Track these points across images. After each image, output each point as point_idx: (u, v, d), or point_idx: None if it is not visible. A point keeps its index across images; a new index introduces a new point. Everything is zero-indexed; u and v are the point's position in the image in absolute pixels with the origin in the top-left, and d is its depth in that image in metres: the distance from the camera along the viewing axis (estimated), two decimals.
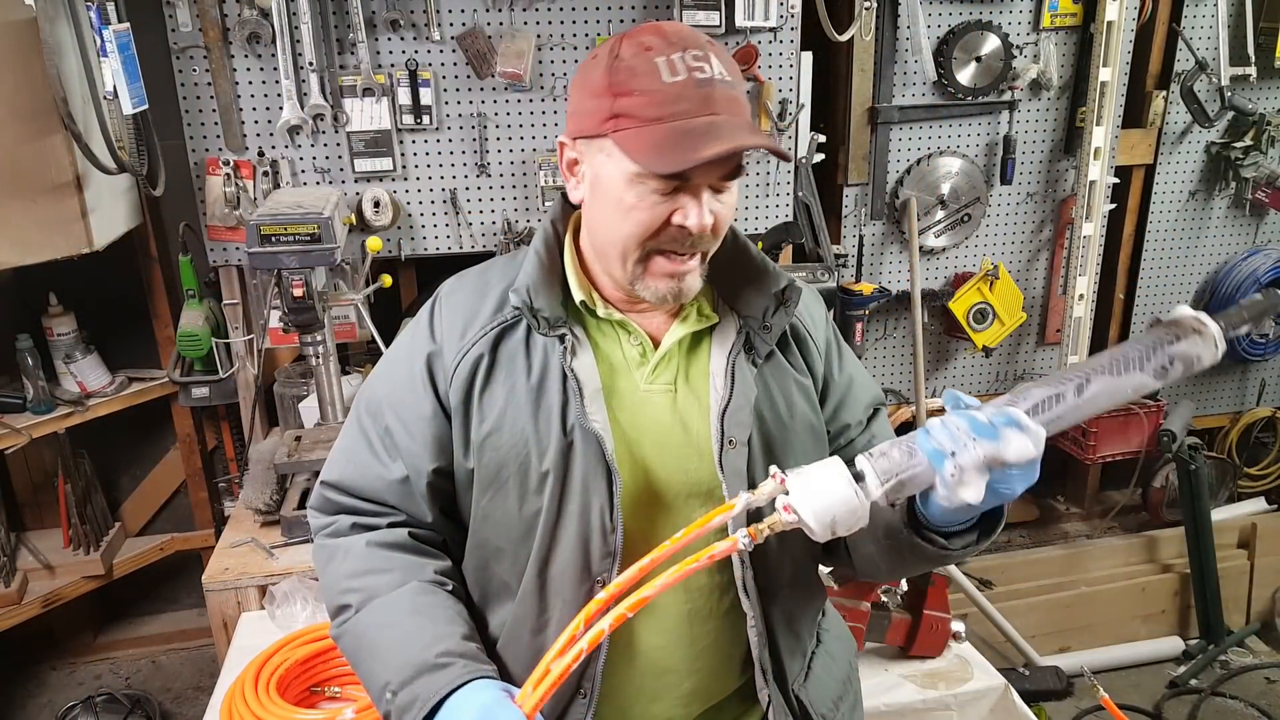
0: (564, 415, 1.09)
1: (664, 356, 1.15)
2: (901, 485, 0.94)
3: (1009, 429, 0.89)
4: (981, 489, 0.90)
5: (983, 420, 0.90)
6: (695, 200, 1.02)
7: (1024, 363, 3.18)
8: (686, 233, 1.03)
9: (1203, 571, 3.01)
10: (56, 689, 2.94)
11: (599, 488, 1.08)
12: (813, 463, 0.96)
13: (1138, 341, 0.92)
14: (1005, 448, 0.88)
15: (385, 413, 1.16)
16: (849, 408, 1.23)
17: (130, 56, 2.18)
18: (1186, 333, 0.90)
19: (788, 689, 1.18)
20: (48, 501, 2.86)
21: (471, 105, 2.49)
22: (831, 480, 0.94)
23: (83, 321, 2.64)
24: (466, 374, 1.11)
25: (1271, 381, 3.37)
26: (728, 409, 1.11)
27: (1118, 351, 0.92)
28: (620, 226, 1.04)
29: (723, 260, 1.17)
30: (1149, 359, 0.90)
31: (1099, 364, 0.92)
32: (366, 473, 1.17)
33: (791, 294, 1.16)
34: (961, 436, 0.89)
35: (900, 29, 2.76)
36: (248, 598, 2.09)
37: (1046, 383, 0.94)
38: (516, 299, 1.11)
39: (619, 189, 1.03)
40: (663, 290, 1.07)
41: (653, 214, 1.02)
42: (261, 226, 2.00)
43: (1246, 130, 2.99)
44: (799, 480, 0.95)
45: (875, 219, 2.92)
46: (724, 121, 0.99)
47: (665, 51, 0.99)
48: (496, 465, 1.10)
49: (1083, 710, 2.76)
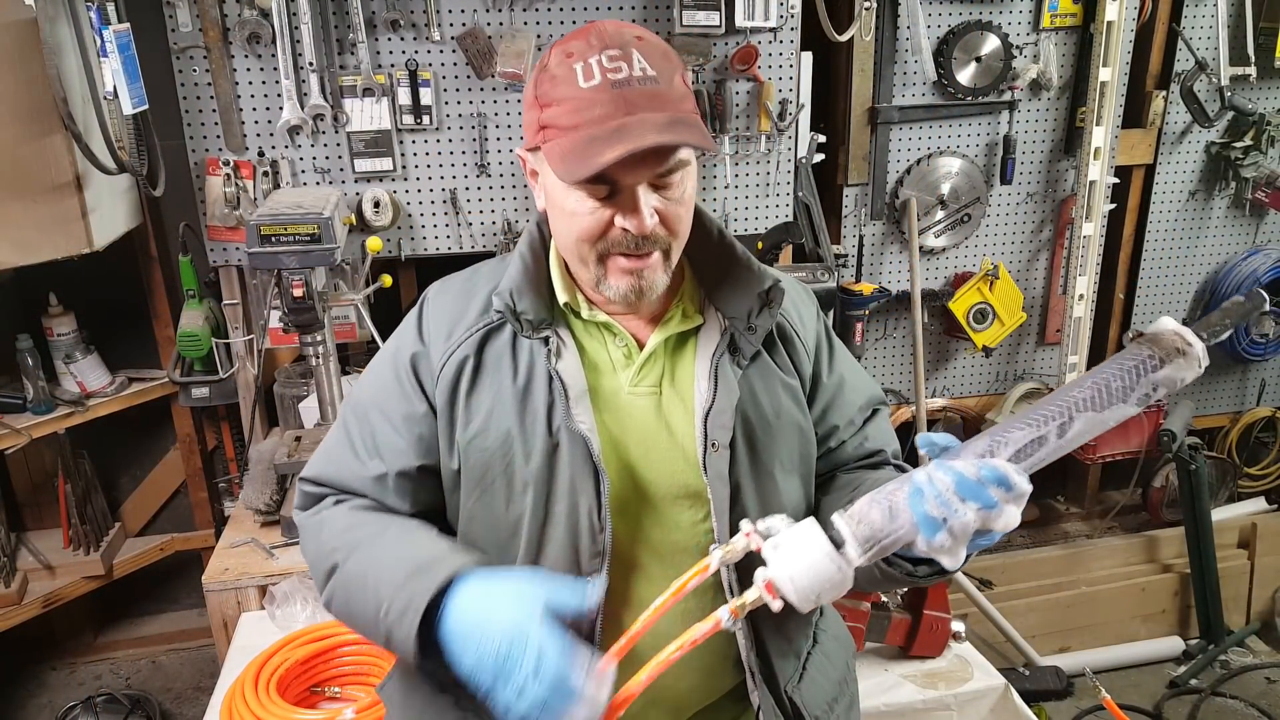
0: (549, 417, 1.09)
1: (648, 358, 1.15)
2: (883, 549, 0.91)
3: (998, 490, 0.86)
4: (963, 554, 0.90)
5: (970, 478, 0.86)
6: (631, 202, 1.02)
7: (1024, 363, 3.18)
8: (630, 235, 1.03)
9: (1203, 571, 3.01)
10: (56, 689, 2.94)
11: (586, 488, 1.08)
12: (785, 523, 0.94)
13: (1119, 363, 0.88)
14: (997, 519, 0.87)
15: (371, 413, 1.17)
16: (839, 409, 1.23)
17: (130, 56, 2.18)
18: (1170, 354, 0.86)
19: (780, 690, 1.18)
20: (48, 501, 2.86)
21: (471, 105, 2.49)
22: (811, 555, 0.90)
23: (83, 321, 2.64)
24: (452, 375, 1.12)
25: (1271, 381, 3.37)
26: (711, 411, 1.11)
27: (1099, 378, 0.88)
28: (570, 232, 1.06)
29: (707, 260, 1.17)
30: (1132, 389, 0.87)
31: (1081, 398, 0.88)
32: (343, 470, 1.17)
33: (775, 294, 1.15)
34: (951, 500, 0.86)
35: (900, 29, 2.76)
36: (248, 598, 2.09)
37: (1028, 421, 0.89)
38: (499, 302, 1.12)
39: (560, 197, 1.05)
40: (623, 288, 1.07)
41: (594, 219, 1.04)
42: (261, 226, 2.00)
43: (1246, 130, 2.99)
44: (777, 554, 0.92)
45: (875, 219, 2.92)
46: (634, 122, 0.98)
47: (585, 55, 1.00)
48: (482, 467, 1.10)
49: (1083, 710, 2.76)
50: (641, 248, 1.05)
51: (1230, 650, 3.03)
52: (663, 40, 1.06)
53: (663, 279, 1.09)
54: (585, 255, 1.07)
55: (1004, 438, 0.90)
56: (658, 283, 1.08)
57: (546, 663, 0.90)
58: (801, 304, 1.25)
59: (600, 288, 1.09)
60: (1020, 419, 0.90)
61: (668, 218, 1.05)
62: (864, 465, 1.27)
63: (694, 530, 1.14)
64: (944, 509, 0.87)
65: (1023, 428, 0.89)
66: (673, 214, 1.05)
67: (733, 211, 2.70)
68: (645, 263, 1.06)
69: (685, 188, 1.06)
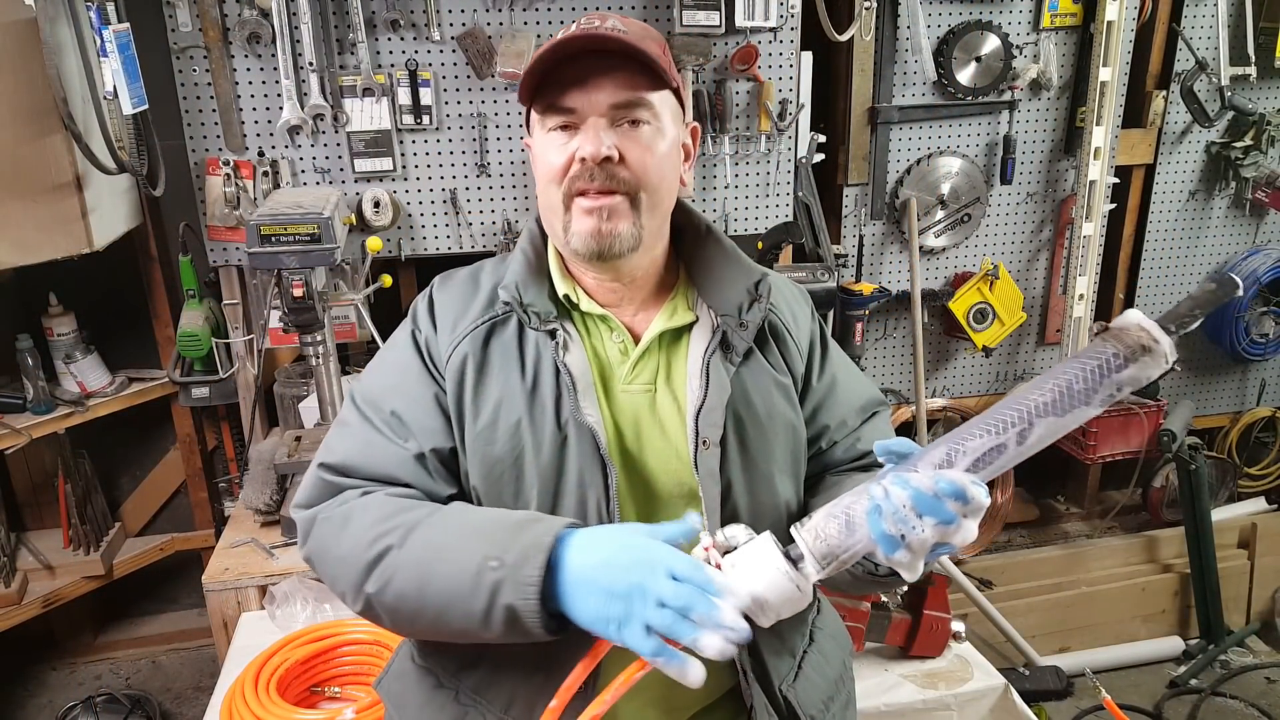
0: (558, 410, 1.09)
1: (643, 354, 1.15)
2: (842, 564, 0.91)
3: (955, 504, 0.85)
4: (920, 567, 0.90)
5: (926, 491, 0.85)
6: (587, 132, 1.06)
7: (1024, 362, 3.18)
8: (587, 165, 1.05)
9: (1203, 571, 3.01)
10: (56, 689, 2.94)
11: (595, 481, 1.08)
12: (746, 534, 0.94)
13: (1081, 362, 0.83)
14: (954, 534, 0.86)
15: (389, 399, 1.13)
16: (830, 410, 1.23)
17: (130, 56, 2.18)
18: (1135, 353, 0.81)
19: (774, 689, 1.17)
20: (48, 501, 2.86)
21: (471, 105, 2.49)
22: (768, 574, 0.90)
23: (83, 321, 2.64)
24: (458, 368, 1.12)
25: (1271, 381, 3.37)
26: (702, 409, 1.11)
27: (1060, 380, 0.84)
28: (542, 178, 1.11)
29: (696, 256, 1.19)
30: (1095, 390, 0.83)
31: (1041, 401, 0.84)
32: (375, 452, 1.11)
33: (763, 287, 1.16)
34: (909, 516, 0.86)
35: (900, 29, 2.76)
36: (248, 598, 2.09)
37: (986, 427, 0.86)
38: (506, 295, 1.13)
39: (537, 146, 1.12)
40: (585, 230, 1.07)
41: (561, 153, 1.07)
42: (261, 226, 2.00)
43: (1246, 130, 2.99)
44: (735, 573, 0.91)
45: (875, 219, 2.92)
46: (588, 45, 1.04)
47: (567, 28, 1.07)
48: (492, 460, 1.10)
49: (1083, 710, 2.75)
50: (598, 179, 1.06)
51: (1230, 650, 3.03)
52: (651, 27, 1.11)
53: (629, 230, 1.08)
54: (554, 202, 1.09)
55: (962, 446, 0.87)
56: (623, 232, 1.08)
57: (680, 567, 0.89)
58: (795, 303, 1.25)
59: (570, 240, 1.09)
60: (979, 423, 0.87)
61: (630, 159, 1.06)
62: (856, 467, 1.27)
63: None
64: (901, 525, 0.86)
65: (981, 435, 0.87)
66: (636, 156, 1.07)
67: (733, 211, 2.70)
68: (606, 201, 1.06)
69: (654, 141, 1.08)
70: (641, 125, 1.07)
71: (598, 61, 1.05)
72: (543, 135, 1.10)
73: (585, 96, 1.05)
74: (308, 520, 1.10)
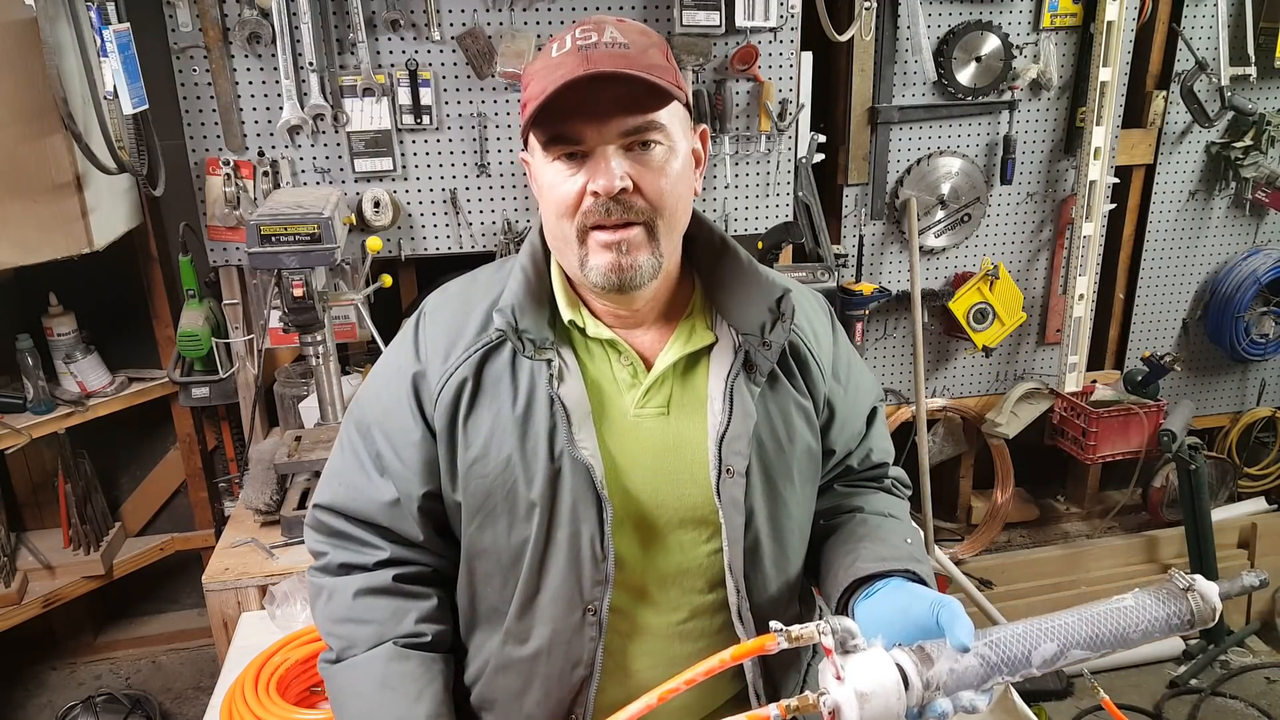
0: (551, 442, 1.05)
1: (657, 380, 1.10)
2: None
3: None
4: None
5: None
6: (600, 163, 1.00)
7: (1024, 362, 3.18)
8: (600, 198, 0.99)
9: (1203, 571, 3.01)
10: (56, 689, 2.94)
11: (589, 516, 1.05)
12: (863, 637, 0.92)
13: (1152, 613, 0.99)
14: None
15: (374, 434, 1.13)
16: (850, 424, 1.21)
17: (130, 56, 2.18)
18: (1199, 621, 0.98)
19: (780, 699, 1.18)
20: (48, 501, 2.86)
21: (471, 105, 2.49)
22: (886, 699, 0.89)
23: (83, 321, 2.64)
24: (451, 398, 1.08)
25: (1271, 381, 3.37)
26: (725, 435, 1.07)
27: (1134, 621, 0.98)
28: (551, 211, 1.04)
29: (713, 272, 1.13)
30: (1147, 637, 0.97)
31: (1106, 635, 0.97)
32: (358, 495, 1.14)
33: (786, 305, 1.09)
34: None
35: (900, 29, 2.76)
36: (248, 598, 2.09)
37: (1050, 636, 0.99)
38: (500, 320, 1.06)
39: (541, 175, 1.05)
40: (604, 265, 1.02)
41: (568, 187, 1.01)
42: (261, 226, 2.00)
43: (1246, 130, 2.99)
44: (847, 687, 0.88)
45: (875, 219, 2.92)
46: (591, 71, 0.97)
47: (562, 36, 1.02)
48: (484, 493, 1.07)
49: (1083, 710, 2.76)
50: (614, 214, 1.00)
51: (1230, 650, 3.03)
52: (648, 27, 1.06)
53: (649, 261, 1.03)
54: (567, 234, 1.03)
55: (1027, 660, 0.98)
56: (642, 264, 1.02)
57: None
58: (815, 317, 1.20)
59: (587, 274, 1.04)
60: (1048, 632, 0.99)
61: (645, 187, 1.00)
62: (866, 478, 1.27)
63: (702, 556, 1.12)
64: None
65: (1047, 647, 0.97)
66: (650, 184, 1.01)
67: (733, 212, 2.70)
68: (624, 234, 1.01)
69: (668, 162, 1.02)
70: (653, 147, 1.01)
71: (603, 85, 0.98)
72: (547, 163, 1.03)
73: (593, 126, 0.99)
74: (311, 556, 1.21)
